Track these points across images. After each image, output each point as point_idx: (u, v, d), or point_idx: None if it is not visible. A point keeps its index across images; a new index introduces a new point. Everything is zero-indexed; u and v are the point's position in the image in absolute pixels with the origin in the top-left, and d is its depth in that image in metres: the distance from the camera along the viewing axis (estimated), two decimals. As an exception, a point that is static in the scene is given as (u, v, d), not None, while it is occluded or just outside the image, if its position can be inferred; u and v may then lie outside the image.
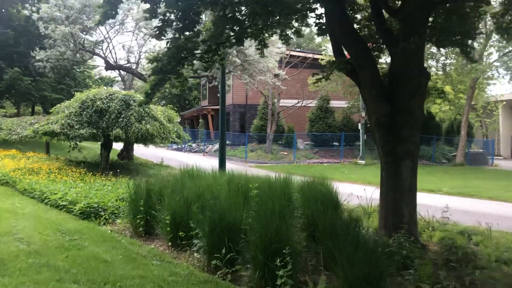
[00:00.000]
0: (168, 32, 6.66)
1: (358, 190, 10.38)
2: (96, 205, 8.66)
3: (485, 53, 27.98)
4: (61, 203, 9.17)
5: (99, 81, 32.76)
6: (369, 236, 5.60)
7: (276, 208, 5.41)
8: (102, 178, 12.65)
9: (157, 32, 6.36)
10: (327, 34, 7.67)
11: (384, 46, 7.75)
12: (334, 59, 7.34)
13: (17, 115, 31.08)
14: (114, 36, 24.34)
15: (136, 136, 13.15)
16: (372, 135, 7.19)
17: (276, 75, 24.94)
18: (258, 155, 30.09)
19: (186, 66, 7.06)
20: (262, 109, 33.73)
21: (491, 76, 30.71)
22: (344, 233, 4.85)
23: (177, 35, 6.50)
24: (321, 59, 29.27)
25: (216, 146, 33.96)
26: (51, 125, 13.26)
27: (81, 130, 13.47)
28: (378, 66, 7.26)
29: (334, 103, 33.25)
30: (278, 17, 6.48)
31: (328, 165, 27.32)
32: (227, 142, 31.53)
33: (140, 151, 23.30)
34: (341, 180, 17.68)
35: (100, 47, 24.69)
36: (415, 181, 6.60)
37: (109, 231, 7.63)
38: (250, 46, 20.71)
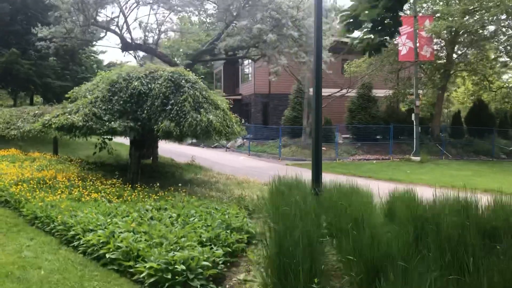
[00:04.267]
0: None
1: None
2: (179, 263, 4.50)
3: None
4: (109, 256, 5.00)
5: (109, 67, 28.37)
6: None
7: None
8: (151, 195, 8.49)
9: None
10: None
11: None
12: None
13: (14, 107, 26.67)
14: (131, 12, 19.96)
15: (194, 130, 8.97)
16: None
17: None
18: (293, 151, 26.06)
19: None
20: (294, 98, 29.59)
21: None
22: None
23: None
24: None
25: (240, 140, 29.92)
26: (69, 116, 9.06)
27: (112, 122, 9.29)
28: None
29: (376, 92, 29.23)
30: None
31: (377, 162, 23.30)
32: (249, 136, 27.33)
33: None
34: (411, 182, 14.50)
35: (115, 24, 20.37)
36: None
37: None
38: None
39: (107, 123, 9.24)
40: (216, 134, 9.38)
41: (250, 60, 30.61)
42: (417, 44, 23.46)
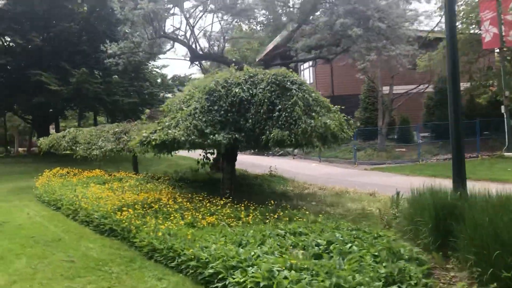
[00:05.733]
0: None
1: None
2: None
3: None
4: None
5: (174, 81, 27.93)
6: None
7: None
8: (267, 214, 7.36)
9: None
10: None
11: None
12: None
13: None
14: (197, 21, 19.23)
15: (309, 136, 7.78)
16: None
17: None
18: (368, 154, 24.37)
19: None
20: (365, 98, 27.92)
21: None
22: None
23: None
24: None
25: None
26: (170, 131, 8.13)
27: (215, 135, 8.28)
28: None
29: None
30: None
31: (466, 161, 20.98)
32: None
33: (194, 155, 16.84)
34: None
35: (182, 35, 19.75)
36: None
37: None
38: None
39: (210, 136, 8.25)
40: (333, 139, 8.15)
41: (310, 63, 29.27)
42: (502, 29, 21.26)
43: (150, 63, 27.93)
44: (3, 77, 24.78)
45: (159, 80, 28.46)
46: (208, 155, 12.07)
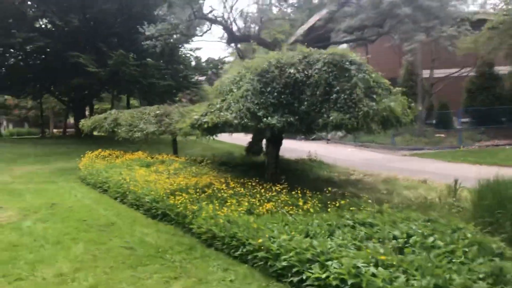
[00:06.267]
0: None
1: None
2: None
3: None
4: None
5: (207, 64, 27.46)
6: None
7: None
8: (326, 202, 6.97)
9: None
10: None
11: None
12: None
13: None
14: (236, 1, 18.76)
15: (371, 120, 7.31)
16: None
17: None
18: (407, 139, 23.56)
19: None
20: (404, 82, 26.91)
21: None
22: None
23: None
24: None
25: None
26: (222, 114, 7.79)
27: (268, 118, 7.90)
28: None
29: (498, 69, 25.68)
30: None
31: (510, 148, 20.16)
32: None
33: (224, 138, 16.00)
34: None
35: (221, 16, 19.33)
36: None
37: None
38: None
39: (263, 119, 7.87)
40: (396, 123, 7.66)
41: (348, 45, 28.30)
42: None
43: (183, 46, 27.62)
44: (42, 59, 24.99)
45: (193, 63, 28.15)
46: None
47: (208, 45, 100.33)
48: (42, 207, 8.40)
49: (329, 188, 7.99)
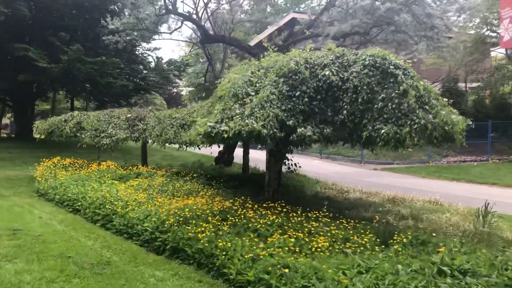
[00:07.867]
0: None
1: None
2: None
3: None
4: None
5: (168, 65, 25.21)
6: None
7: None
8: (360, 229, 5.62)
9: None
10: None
11: None
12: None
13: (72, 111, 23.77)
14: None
15: (429, 135, 6.10)
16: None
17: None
18: (374, 153, 22.93)
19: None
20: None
21: None
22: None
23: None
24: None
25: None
26: (248, 121, 6.21)
27: (301, 128, 6.45)
28: None
29: (460, 86, 26.39)
30: None
31: (478, 164, 20.31)
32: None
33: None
34: None
35: (194, 13, 17.69)
36: None
37: None
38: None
39: (298, 129, 6.41)
40: (451, 139, 6.49)
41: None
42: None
43: (141, 45, 25.44)
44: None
45: (152, 64, 25.98)
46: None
47: (167, 46, 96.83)
48: (2, 236, 6.32)
49: (376, 217, 6.65)
